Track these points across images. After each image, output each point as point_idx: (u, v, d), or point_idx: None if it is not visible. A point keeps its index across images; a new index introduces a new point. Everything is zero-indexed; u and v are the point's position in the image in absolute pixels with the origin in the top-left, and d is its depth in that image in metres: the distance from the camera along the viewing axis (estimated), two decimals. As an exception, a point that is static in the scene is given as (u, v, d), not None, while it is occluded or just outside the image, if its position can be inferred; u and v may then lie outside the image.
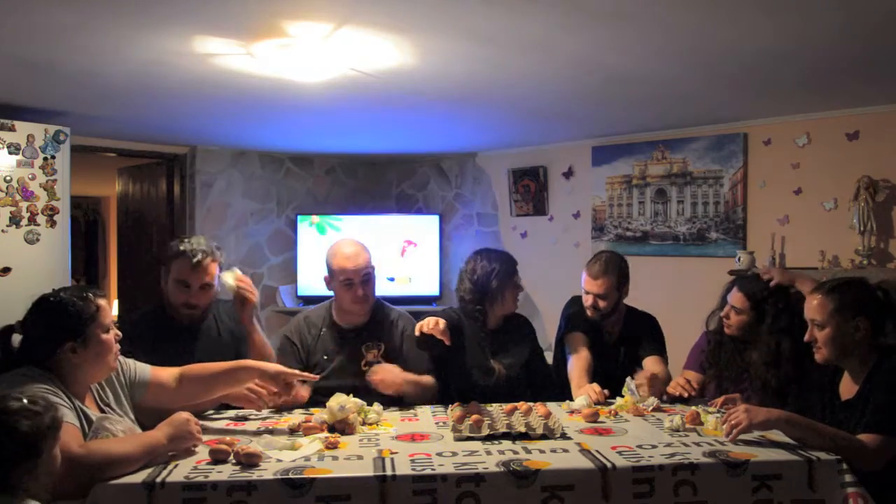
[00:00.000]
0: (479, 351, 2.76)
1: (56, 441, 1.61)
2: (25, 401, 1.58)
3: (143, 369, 2.17)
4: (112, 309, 2.10)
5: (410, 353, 2.69)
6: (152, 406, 2.14)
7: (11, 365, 1.89)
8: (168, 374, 2.19)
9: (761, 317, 2.59)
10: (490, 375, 2.72)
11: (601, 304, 2.85)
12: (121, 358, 2.09)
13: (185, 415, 1.96)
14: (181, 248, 2.49)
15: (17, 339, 1.95)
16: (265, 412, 2.44)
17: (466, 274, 2.82)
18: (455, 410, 2.32)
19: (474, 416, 2.16)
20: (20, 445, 1.53)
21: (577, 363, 2.80)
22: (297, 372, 2.32)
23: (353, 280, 2.64)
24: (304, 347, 2.71)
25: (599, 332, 2.94)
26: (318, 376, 2.47)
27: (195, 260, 2.46)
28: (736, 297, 2.65)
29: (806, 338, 2.24)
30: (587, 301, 2.88)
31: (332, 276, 2.70)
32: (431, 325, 2.53)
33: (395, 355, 2.69)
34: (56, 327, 1.90)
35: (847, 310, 2.15)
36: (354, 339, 2.70)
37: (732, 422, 2.04)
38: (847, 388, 2.23)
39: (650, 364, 2.85)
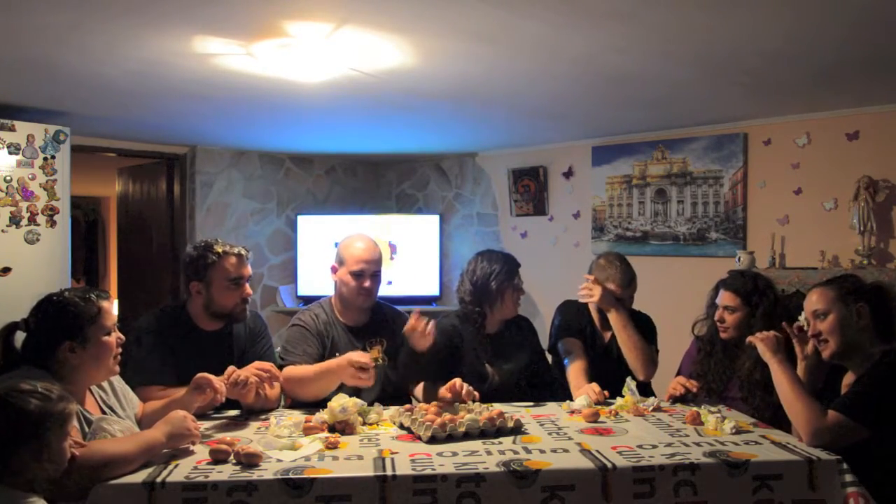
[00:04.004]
0: (475, 356, 2.74)
1: (65, 434, 1.61)
2: (39, 387, 1.59)
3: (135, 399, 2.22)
4: (113, 310, 2.10)
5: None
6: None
7: (12, 364, 1.90)
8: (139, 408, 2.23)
9: (754, 310, 2.58)
10: (483, 381, 2.68)
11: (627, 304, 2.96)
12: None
13: (182, 412, 1.96)
14: (220, 249, 2.51)
15: (20, 337, 1.95)
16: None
17: (467, 275, 2.82)
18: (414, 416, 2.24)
19: (436, 419, 2.11)
20: (25, 424, 1.54)
21: (575, 364, 2.80)
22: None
23: (364, 272, 2.66)
24: (327, 339, 2.67)
25: (593, 334, 2.95)
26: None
27: (240, 253, 2.54)
28: (726, 297, 2.63)
29: (810, 332, 2.24)
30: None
31: (343, 264, 2.69)
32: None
33: (397, 352, 2.67)
34: (55, 326, 1.91)
35: (848, 295, 2.18)
36: (359, 338, 2.69)
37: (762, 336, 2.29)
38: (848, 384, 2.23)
39: None
